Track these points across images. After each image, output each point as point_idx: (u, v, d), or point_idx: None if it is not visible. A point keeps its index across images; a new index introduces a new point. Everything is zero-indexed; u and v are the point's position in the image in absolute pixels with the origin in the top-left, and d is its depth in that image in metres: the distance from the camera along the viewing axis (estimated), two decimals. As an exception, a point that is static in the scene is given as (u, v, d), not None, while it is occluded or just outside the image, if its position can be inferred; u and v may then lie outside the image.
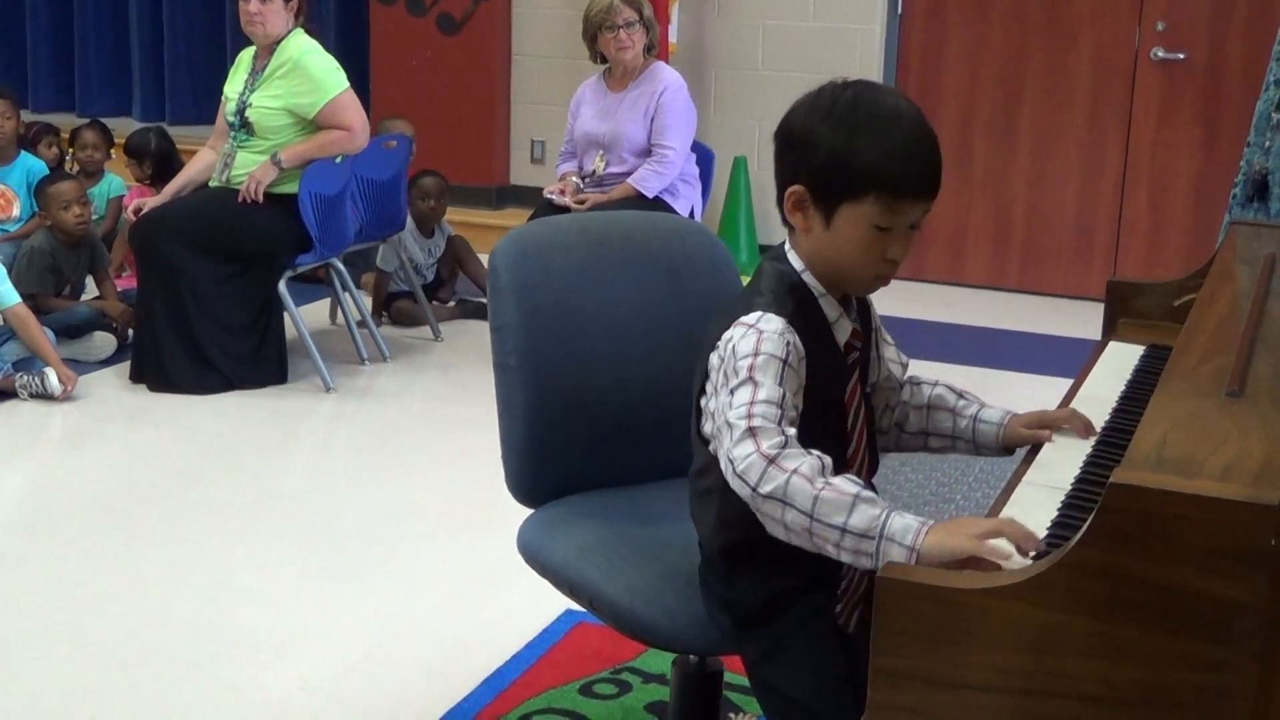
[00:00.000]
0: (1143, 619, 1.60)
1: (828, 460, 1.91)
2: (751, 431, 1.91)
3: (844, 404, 2.12)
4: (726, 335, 2.03)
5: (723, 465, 1.95)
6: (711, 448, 2.06)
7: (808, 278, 2.08)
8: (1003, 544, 1.78)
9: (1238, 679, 1.57)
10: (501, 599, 3.64)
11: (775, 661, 2.12)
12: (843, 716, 2.05)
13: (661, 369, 2.70)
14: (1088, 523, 1.61)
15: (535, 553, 2.58)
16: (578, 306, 2.66)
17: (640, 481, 2.73)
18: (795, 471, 1.87)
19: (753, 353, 1.97)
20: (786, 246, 2.12)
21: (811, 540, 1.88)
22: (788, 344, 1.98)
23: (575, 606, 2.57)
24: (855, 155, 1.97)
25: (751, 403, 1.93)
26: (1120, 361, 2.58)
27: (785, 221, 2.10)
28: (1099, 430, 2.23)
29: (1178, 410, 1.89)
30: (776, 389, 1.94)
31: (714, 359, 2.05)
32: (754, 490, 1.89)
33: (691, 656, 2.61)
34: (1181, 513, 1.56)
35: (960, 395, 2.33)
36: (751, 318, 2.01)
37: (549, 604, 3.40)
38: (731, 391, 1.96)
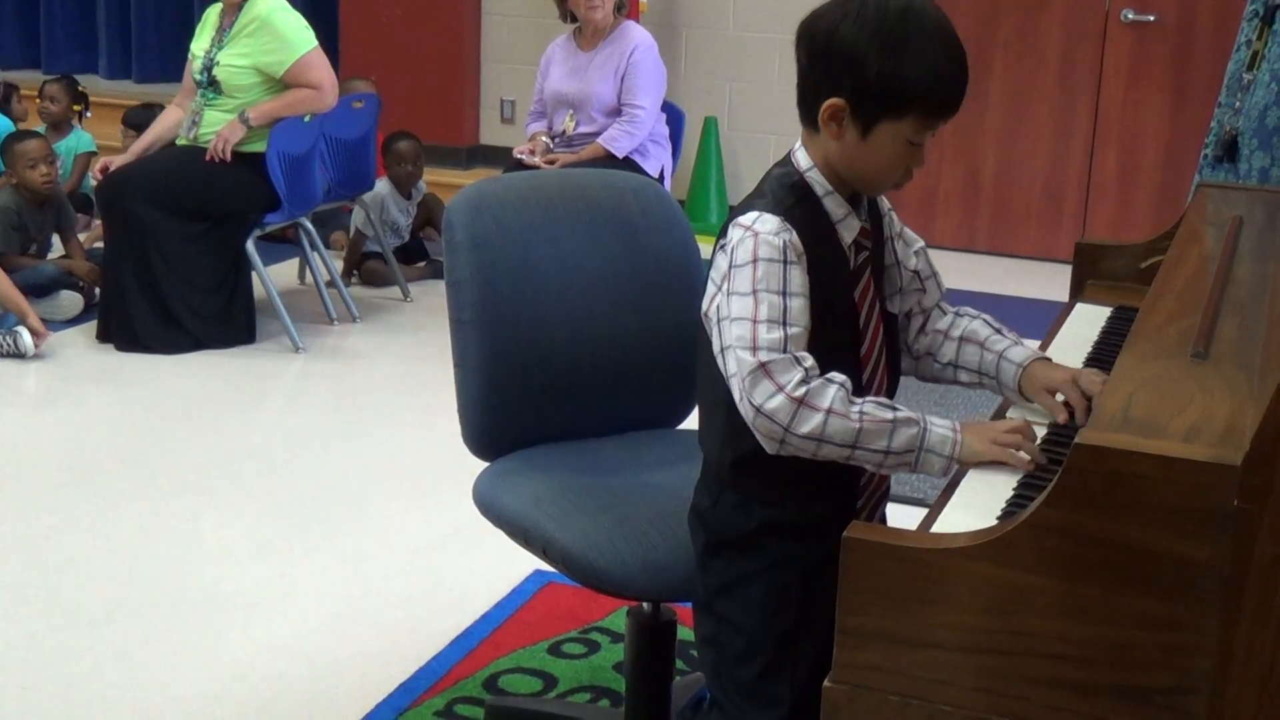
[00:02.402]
0: (1107, 578, 1.61)
1: (848, 381, 1.92)
2: (765, 370, 1.90)
3: (853, 303, 2.08)
4: (729, 236, 2.00)
5: (739, 404, 1.93)
6: (718, 353, 2.01)
7: (813, 175, 2.05)
8: (1023, 455, 1.94)
9: (1200, 638, 1.59)
10: (470, 559, 3.65)
11: (733, 596, 2.11)
12: (777, 668, 2.07)
13: (615, 324, 2.74)
14: (1053, 483, 1.62)
15: (490, 503, 2.61)
16: (532, 262, 2.68)
17: (595, 435, 2.76)
18: (830, 411, 1.89)
19: (750, 259, 1.94)
20: (796, 147, 2.08)
21: (847, 463, 1.94)
22: (784, 243, 1.95)
23: (544, 566, 2.58)
24: (906, 78, 1.94)
25: (754, 321, 1.91)
26: (1087, 323, 2.59)
27: (807, 121, 2.05)
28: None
29: (1143, 371, 1.90)
30: (778, 301, 1.92)
31: (720, 261, 2.02)
32: (787, 430, 1.90)
33: (645, 606, 2.66)
34: (1146, 473, 1.57)
35: (996, 330, 2.25)
36: (748, 218, 1.98)
37: (518, 564, 3.41)
38: (731, 299, 1.94)
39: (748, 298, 1.93)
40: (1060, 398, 2.14)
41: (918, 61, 1.94)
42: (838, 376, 1.92)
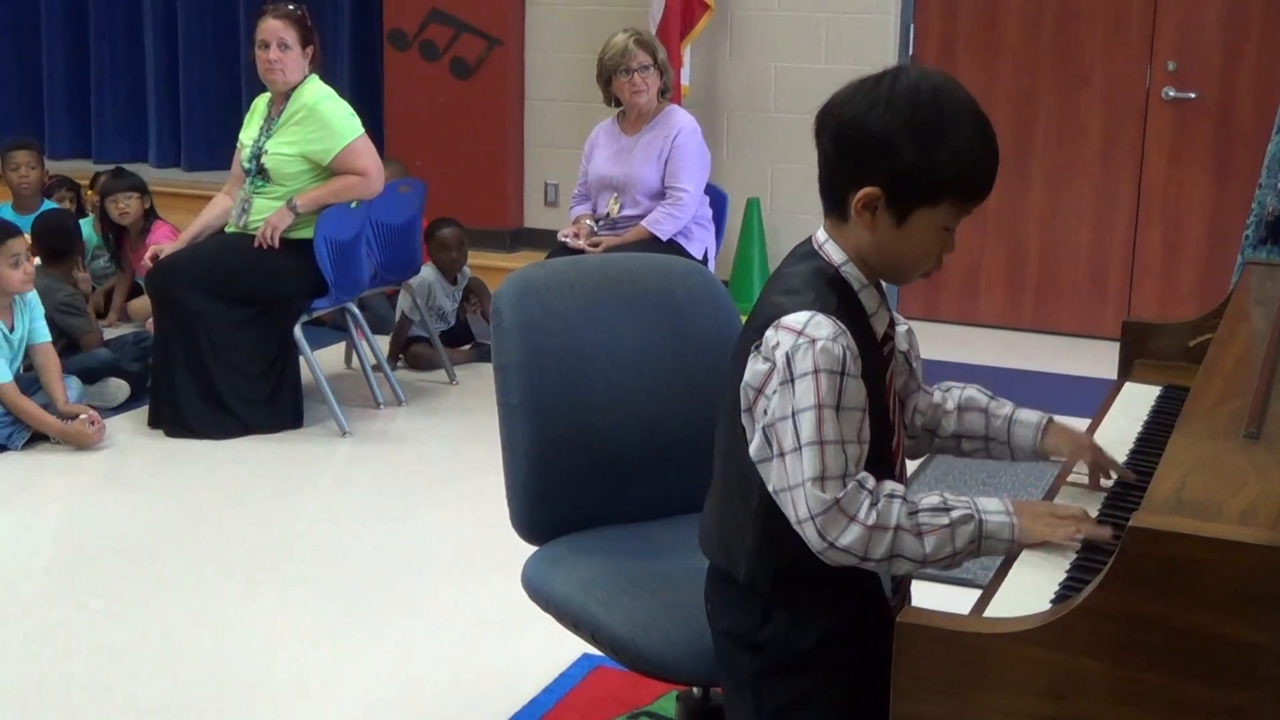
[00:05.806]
0: (1163, 663, 1.59)
1: (901, 489, 1.92)
2: (839, 507, 1.87)
3: (884, 396, 2.03)
4: (771, 340, 1.92)
5: (808, 541, 1.89)
6: (756, 454, 1.95)
7: (849, 270, 1.99)
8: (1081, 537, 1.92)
9: (1260, 723, 1.57)
10: (518, 643, 3.64)
11: (799, 715, 2.03)
12: None
13: (662, 407, 2.75)
14: (1107, 566, 1.61)
15: (539, 588, 2.62)
16: (579, 346, 2.70)
17: (642, 519, 2.77)
18: (898, 528, 1.88)
19: (811, 369, 1.86)
20: (822, 239, 2.03)
21: (917, 571, 1.95)
22: (843, 350, 1.88)
23: (592, 650, 2.58)
24: (944, 165, 1.91)
25: (821, 445, 1.86)
26: (1137, 402, 2.58)
27: (835, 211, 2.01)
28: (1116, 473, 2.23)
29: (1196, 452, 1.89)
30: (835, 422, 1.87)
31: (759, 366, 1.93)
32: (863, 559, 1.90)
33: (695, 691, 2.66)
34: (1202, 556, 1.56)
35: (992, 397, 2.26)
36: (797, 320, 1.90)
37: (566, 648, 3.40)
38: (793, 417, 1.87)
39: (810, 413, 1.87)
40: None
41: (954, 147, 1.92)
42: (898, 490, 1.92)
